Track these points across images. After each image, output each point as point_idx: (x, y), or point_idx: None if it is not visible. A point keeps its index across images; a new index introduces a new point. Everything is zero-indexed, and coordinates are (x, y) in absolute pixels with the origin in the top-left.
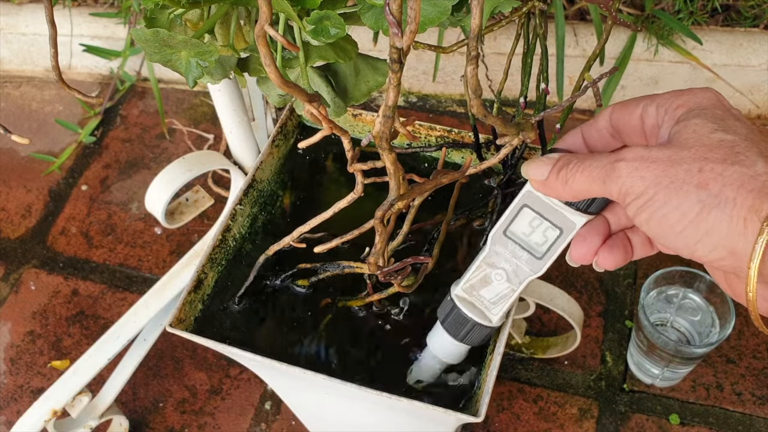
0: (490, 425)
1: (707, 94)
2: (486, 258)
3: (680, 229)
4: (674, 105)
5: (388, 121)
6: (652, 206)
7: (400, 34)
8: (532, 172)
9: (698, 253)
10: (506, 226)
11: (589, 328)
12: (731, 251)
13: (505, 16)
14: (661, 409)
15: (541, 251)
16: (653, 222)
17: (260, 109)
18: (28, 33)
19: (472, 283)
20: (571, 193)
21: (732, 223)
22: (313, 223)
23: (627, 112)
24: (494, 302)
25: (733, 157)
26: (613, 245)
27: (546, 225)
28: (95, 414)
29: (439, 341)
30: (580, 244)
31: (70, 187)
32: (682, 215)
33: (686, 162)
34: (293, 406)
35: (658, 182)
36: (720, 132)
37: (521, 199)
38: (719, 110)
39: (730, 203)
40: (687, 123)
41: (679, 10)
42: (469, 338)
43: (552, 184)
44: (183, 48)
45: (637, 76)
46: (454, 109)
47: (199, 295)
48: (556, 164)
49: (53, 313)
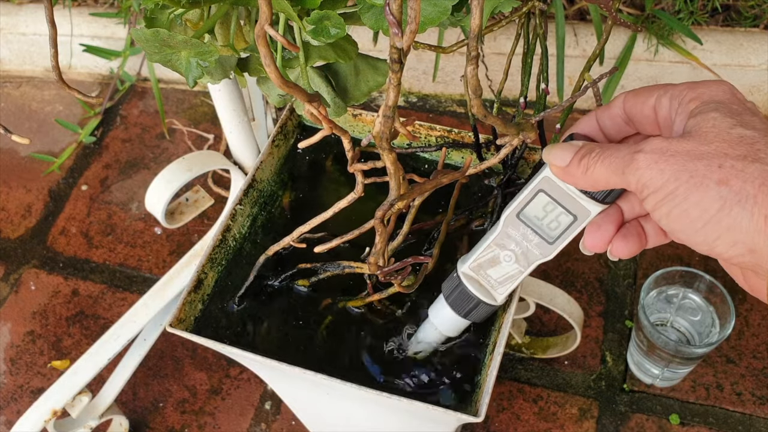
0: (490, 425)
1: (723, 87)
2: (496, 239)
3: (700, 225)
4: (688, 98)
5: (388, 121)
6: (673, 201)
7: (400, 34)
8: (554, 157)
9: (718, 250)
10: (520, 209)
11: (589, 328)
12: (751, 249)
13: (505, 16)
14: (661, 409)
15: (553, 236)
16: (673, 216)
17: (260, 109)
18: (28, 33)
19: (480, 262)
20: (590, 182)
21: (753, 220)
22: (313, 223)
23: (640, 101)
24: (501, 282)
25: (754, 154)
26: (627, 234)
27: (560, 210)
28: (95, 414)
29: (442, 315)
30: (594, 233)
31: (70, 187)
32: (702, 211)
33: (706, 157)
34: (293, 406)
35: (678, 177)
36: (739, 127)
37: (538, 184)
38: (735, 104)
39: (750, 200)
40: (705, 116)
41: (679, 10)
42: (473, 315)
43: (573, 171)
44: (183, 48)
45: (637, 76)
46: (454, 109)
47: (199, 295)
48: (578, 152)
49: (53, 313)
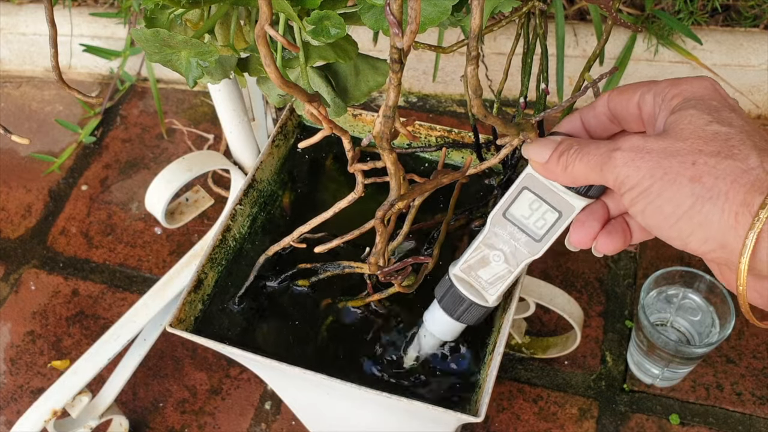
0: (490, 425)
1: (704, 83)
2: (485, 239)
3: (674, 220)
4: (671, 94)
5: (389, 121)
6: (647, 197)
7: (401, 34)
8: (533, 153)
9: (691, 245)
10: (506, 208)
11: (589, 328)
12: (722, 244)
13: (505, 16)
14: (661, 409)
15: (539, 234)
16: (647, 213)
17: (260, 109)
18: (28, 33)
19: (470, 263)
20: (570, 178)
21: (724, 216)
22: (313, 223)
23: (624, 99)
24: (491, 283)
25: (727, 151)
26: (611, 230)
27: (545, 208)
28: (95, 414)
29: (435, 319)
30: (579, 229)
31: (70, 187)
32: (675, 207)
33: (681, 154)
34: (293, 406)
35: (653, 174)
36: (715, 124)
37: (521, 181)
38: (715, 101)
39: (722, 197)
40: (683, 113)
41: (679, 10)
42: (465, 317)
43: (552, 168)
44: (183, 48)
45: (637, 76)
46: (454, 109)
47: (199, 295)
48: (557, 148)
49: (53, 313)
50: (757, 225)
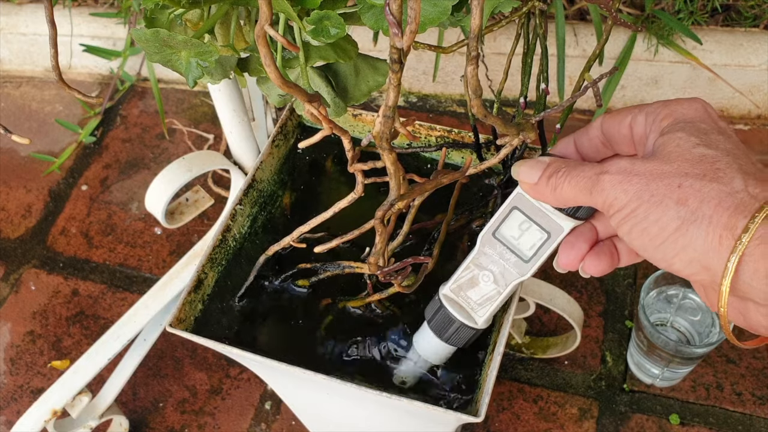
0: (490, 425)
1: (694, 105)
2: (474, 259)
3: (659, 242)
4: (661, 115)
5: (389, 121)
6: (633, 219)
7: (401, 34)
8: (523, 174)
9: (675, 267)
10: (495, 228)
11: (589, 328)
12: (706, 267)
13: (505, 16)
14: (661, 409)
15: (528, 255)
16: (634, 234)
17: (260, 109)
18: (28, 33)
19: (459, 283)
20: (559, 200)
21: (708, 239)
22: (313, 223)
23: (617, 121)
24: (480, 304)
25: (713, 173)
26: (599, 252)
27: (534, 228)
28: (95, 414)
29: (424, 341)
30: (567, 251)
31: (70, 187)
32: (661, 229)
33: (667, 176)
34: (293, 406)
35: (640, 196)
36: (702, 147)
37: (512, 201)
38: (704, 123)
39: (706, 220)
40: (671, 136)
41: (679, 10)
42: (454, 339)
43: (541, 189)
44: (183, 48)
45: (637, 76)
46: (454, 109)
47: (199, 295)
48: (546, 170)
49: (53, 313)
50: (739, 248)
